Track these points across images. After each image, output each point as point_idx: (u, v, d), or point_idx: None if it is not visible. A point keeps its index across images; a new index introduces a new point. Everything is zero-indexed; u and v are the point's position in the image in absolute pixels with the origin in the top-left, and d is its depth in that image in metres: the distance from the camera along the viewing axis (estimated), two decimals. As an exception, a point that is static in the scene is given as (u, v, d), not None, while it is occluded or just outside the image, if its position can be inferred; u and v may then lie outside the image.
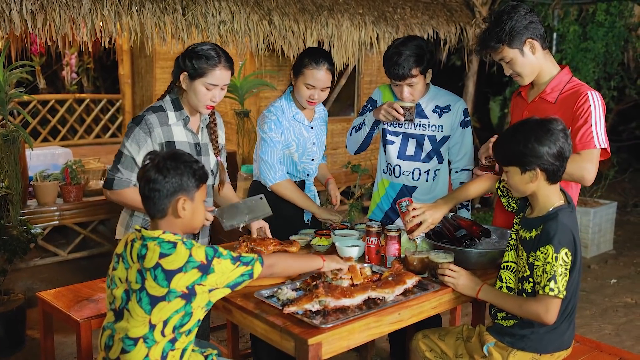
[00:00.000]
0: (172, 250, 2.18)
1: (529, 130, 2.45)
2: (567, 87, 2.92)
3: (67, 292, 3.46)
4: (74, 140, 9.22)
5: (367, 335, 2.34)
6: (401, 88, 3.27)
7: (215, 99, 2.95)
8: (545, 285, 2.37)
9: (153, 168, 2.25)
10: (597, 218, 6.51)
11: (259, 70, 6.50)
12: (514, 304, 2.50)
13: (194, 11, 4.72)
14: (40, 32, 4.17)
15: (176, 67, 2.97)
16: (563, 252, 2.36)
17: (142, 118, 2.92)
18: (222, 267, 2.23)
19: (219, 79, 2.91)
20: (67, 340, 4.44)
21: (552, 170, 2.45)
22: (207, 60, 2.87)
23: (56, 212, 5.41)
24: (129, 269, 2.26)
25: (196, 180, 2.30)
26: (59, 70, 10.02)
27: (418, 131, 3.41)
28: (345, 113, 7.66)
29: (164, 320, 2.19)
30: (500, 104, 9.19)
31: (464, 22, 6.90)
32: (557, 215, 2.44)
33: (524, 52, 2.89)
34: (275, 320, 2.29)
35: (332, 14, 5.65)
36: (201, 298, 2.22)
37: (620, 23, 7.14)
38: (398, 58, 3.18)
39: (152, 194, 2.25)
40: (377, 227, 2.90)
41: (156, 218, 2.31)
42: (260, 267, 2.33)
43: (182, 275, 2.16)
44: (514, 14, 2.85)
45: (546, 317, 2.40)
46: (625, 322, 4.90)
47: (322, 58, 3.34)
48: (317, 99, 3.39)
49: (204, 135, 3.12)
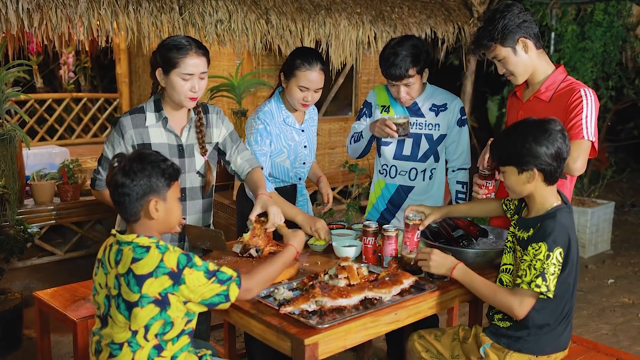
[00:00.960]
0: (144, 254, 2.14)
1: (526, 130, 2.44)
2: (561, 86, 2.93)
3: (63, 291, 3.45)
4: (72, 139, 9.20)
5: (364, 335, 2.34)
6: (398, 88, 3.27)
7: (195, 89, 2.84)
8: (532, 281, 2.34)
9: (120, 172, 2.19)
10: (594, 218, 6.51)
11: (256, 69, 6.50)
12: (489, 290, 2.48)
13: (191, 10, 4.71)
14: (36, 31, 4.16)
15: (151, 66, 2.90)
16: (557, 252, 2.35)
17: (118, 120, 2.90)
18: (194, 279, 2.14)
19: (194, 67, 2.81)
20: (64, 339, 4.43)
21: (549, 171, 2.43)
22: (177, 50, 2.79)
23: (53, 212, 5.40)
24: (108, 274, 2.23)
25: (166, 179, 2.23)
26: (57, 69, 10.01)
27: (414, 130, 3.40)
28: (343, 112, 7.65)
29: (144, 326, 2.16)
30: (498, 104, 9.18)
31: (462, 21, 6.90)
32: (556, 215, 2.43)
33: (517, 50, 2.90)
34: (271, 320, 2.29)
35: (329, 13, 5.65)
36: (177, 308, 2.17)
37: (618, 23, 7.13)
38: (395, 58, 3.17)
39: (122, 199, 2.20)
40: (374, 227, 2.89)
41: (130, 222, 2.26)
42: (237, 290, 2.22)
43: (153, 281, 2.11)
44: (507, 12, 2.87)
45: (519, 309, 2.38)
46: (622, 322, 4.90)
47: (314, 58, 3.23)
48: (311, 101, 3.29)
49: (191, 136, 3.00)
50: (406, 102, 3.37)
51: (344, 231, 3.24)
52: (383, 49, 3.30)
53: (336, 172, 7.03)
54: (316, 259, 2.98)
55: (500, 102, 9.07)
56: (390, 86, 3.32)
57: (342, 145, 7.46)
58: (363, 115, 3.55)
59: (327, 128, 7.32)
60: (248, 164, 3.10)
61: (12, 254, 4.47)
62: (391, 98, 3.45)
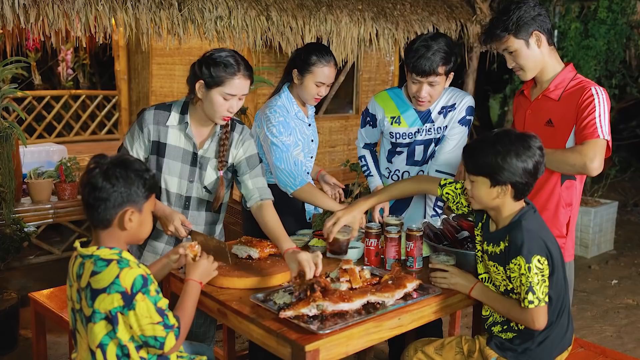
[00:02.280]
0: (103, 268, 2.03)
1: (509, 144, 2.36)
2: (571, 84, 2.85)
3: (59, 292, 3.40)
4: (70, 136, 9.15)
5: (367, 341, 2.27)
6: (420, 86, 3.07)
7: (232, 109, 2.75)
8: (524, 298, 2.32)
9: (100, 175, 2.07)
10: (597, 218, 6.45)
11: (256, 66, 6.44)
12: (504, 308, 2.45)
13: (190, 6, 4.64)
14: (33, 27, 4.09)
15: (192, 74, 2.76)
16: (535, 260, 2.29)
17: (142, 112, 2.84)
18: (143, 308, 2.03)
19: (238, 89, 2.71)
20: (60, 340, 4.38)
21: (521, 188, 2.38)
22: (225, 68, 2.67)
23: (50, 210, 5.34)
24: (72, 287, 2.15)
25: (146, 190, 2.14)
26: (55, 66, 9.95)
27: (424, 137, 3.27)
28: (344, 110, 7.59)
29: (99, 345, 2.05)
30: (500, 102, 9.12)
31: (465, 18, 6.84)
32: (520, 223, 2.37)
33: (530, 44, 2.83)
34: (271, 325, 2.22)
35: (330, 10, 5.58)
36: (124, 331, 2.05)
37: (622, 20, 7.07)
38: (426, 51, 2.99)
39: (97, 203, 2.07)
40: (376, 229, 2.83)
41: (98, 228, 2.13)
42: (174, 341, 2.09)
43: (105, 297, 2.00)
44: (522, 4, 2.81)
45: (535, 325, 2.35)
46: (626, 324, 4.85)
47: (329, 54, 3.27)
48: (323, 95, 3.33)
49: (210, 149, 2.90)
50: (423, 105, 3.16)
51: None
52: (412, 41, 3.11)
53: (337, 171, 6.97)
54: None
55: (502, 100, 9.01)
56: (412, 83, 3.10)
57: (342, 143, 7.40)
58: (367, 125, 3.42)
59: (327, 126, 7.26)
60: (258, 192, 2.91)
61: (8, 253, 4.42)
62: (400, 107, 3.28)
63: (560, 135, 2.84)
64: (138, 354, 2.10)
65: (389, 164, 3.41)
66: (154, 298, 2.06)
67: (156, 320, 2.05)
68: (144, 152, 2.86)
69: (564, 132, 2.82)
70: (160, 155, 2.85)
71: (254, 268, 2.72)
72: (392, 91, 3.37)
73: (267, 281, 2.59)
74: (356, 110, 7.49)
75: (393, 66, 7.54)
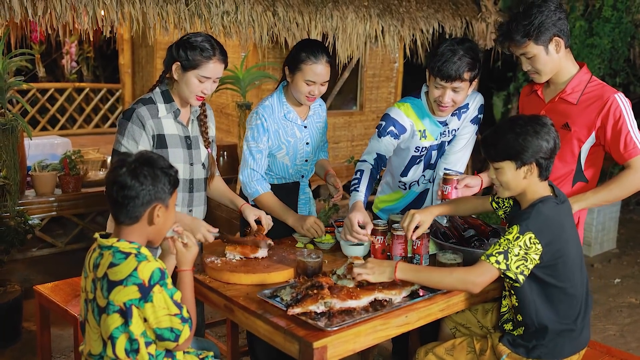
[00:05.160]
0: (121, 260, 2.07)
1: (524, 125, 2.42)
2: (588, 88, 2.84)
3: (64, 285, 3.41)
4: (73, 129, 9.15)
5: (374, 338, 2.28)
6: (444, 91, 2.95)
7: (206, 91, 2.88)
8: (492, 255, 2.32)
9: (129, 174, 2.12)
10: (600, 216, 6.45)
11: (261, 62, 6.43)
12: (443, 272, 2.42)
13: (197, 1, 4.63)
14: (40, 20, 4.08)
15: (169, 56, 2.88)
16: (527, 237, 2.32)
17: (133, 112, 2.83)
18: (161, 300, 2.08)
19: (212, 72, 2.84)
20: (64, 333, 4.39)
21: (545, 166, 2.42)
22: (201, 52, 2.79)
23: (54, 203, 5.35)
24: (87, 278, 2.19)
25: (171, 186, 2.21)
26: (59, 59, 9.94)
27: (439, 140, 3.23)
28: (348, 107, 7.58)
29: (109, 337, 2.08)
30: (504, 100, 9.09)
31: (470, 16, 6.82)
32: (537, 204, 2.41)
33: (549, 50, 2.79)
34: (278, 321, 2.23)
35: (337, 6, 5.57)
36: (137, 324, 2.08)
37: (627, 19, 7.06)
38: (453, 56, 2.87)
39: (125, 201, 2.13)
40: (383, 226, 2.83)
41: (125, 224, 2.18)
42: (189, 333, 2.16)
43: (122, 289, 2.04)
44: (544, 8, 2.75)
45: (477, 279, 2.33)
46: (629, 323, 4.85)
47: (320, 51, 3.11)
48: (317, 94, 3.18)
49: (194, 128, 3.04)
50: (445, 111, 3.04)
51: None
52: (438, 45, 2.98)
53: (340, 167, 6.96)
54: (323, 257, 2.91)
55: (505, 98, 8.99)
56: (436, 88, 2.97)
57: (346, 139, 7.40)
58: (388, 135, 3.13)
59: (331, 122, 7.24)
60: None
61: (13, 245, 4.42)
62: (422, 119, 3.16)
63: (576, 139, 2.84)
64: (147, 350, 2.11)
65: (403, 177, 3.34)
66: (171, 291, 2.12)
67: (173, 312, 2.10)
68: (150, 149, 2.87)
69: (580, 136, 2.83)
70: (163, 146, 2.89)
71: (261, 264, 2.73)
72: (412, 102, 3.19)
73: (274, 277, 2.60)
74: (360, 106, 7.48)
75: (397, 63, 7.52)
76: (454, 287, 2.42)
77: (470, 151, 3.30)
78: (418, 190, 3.39)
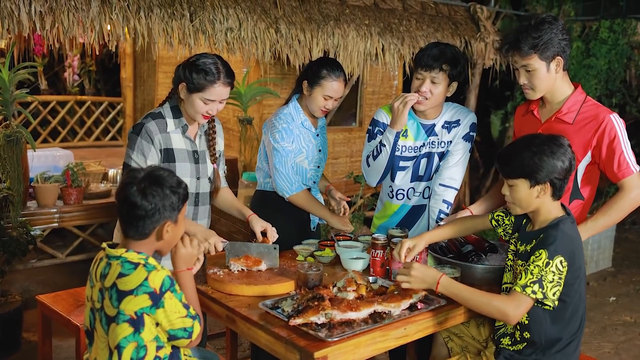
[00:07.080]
0: (131, 271, 2.13)
1: (541, 144, 2.45)
2: (584, 108, 2.90)
3: (66, 295, 3.44)
4: (74, 142, 9.17)
5: (373, 349, 2.32)
6: (423, 81, 3.15)
7: (212, 112, 2.92)
8: (527, 286, 2.30)
9: (139, 193, 2.18)
10: (596, 235, 6.45)
11: (263, 78, 6.50)
12: (483, 298, 2.41)
13: (202, 17, 4.71)
14: (47, 34, 4.15)
15: (176, 76, 2.93)
16: (557, 260, 2.32)
17: (142, 127, 2.89)
18: (172, 304, 2.16)
19: (217, 95, 2.88)
20: (63, 344, 4.42)
21: (559, 186, 2.44)
22: (206, 75, 2.82)
23: (56, 214, 5.37)
24: (93, 287, 2.24)
25: (180, 203, 2.28)
26: (61, 72, 10.00)
27: (427, 149, 3.34)
28: (347, 123, 7.64)
29: (117, 346, 2.13)
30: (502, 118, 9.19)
31: (469, 35, 6.91)
32: (559, 225, 2.42)
33: (550, 67, 2.85)
34: (280, 331, 2.28)
35: (338, 24, 5.65)
36: (149, 331, 2.15)
37: (623, 41, 7.17)
38: (435, 48, 3.14)
39: (135, 220, 2.20)
40: (383, 240, 2.88)
41: (134, 239, 2.25)
42: (199, 328, 2.25)
43: (132, 298, 2.11)
44: (554, 26, 2.80)
45: (514, 313, 2.33)
46: (624, 341, 4.89)
47: (340, 69, 3.39)
48: (330, 108, 3.43)
49: (202, 143, 3.10)
50: (422, 102, 3.18)
51: (351, 243, 3.22)
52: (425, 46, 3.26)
53: (339, 183, 7.00)
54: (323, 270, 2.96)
55: (503, 116, 9.08)
56: (416, 79, 3.19)
57: (345, 155, 7.45)
58: (376, 135, 3.34)
59: (331, 138, 7.30)
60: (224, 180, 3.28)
61: (15, 255, 4.45)
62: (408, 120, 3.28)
63: None
64: (157, 353, 2.17)
65: (392, 182, 3.41)
66: (179, 295, 2.20)
67: (184, 314, 2.19)
68: (158, 163, 2.92)
69: (577, 155, 2.86)
70: (171, 160, 2.93)
71: (263, 276, 2.78)
72: None
73: (275, 289, 2.65)
74: (359, 123, 7.54)
75: (397, 80, 7.60)
76: (492, 316, 2.44)
77: (464, 168, 3.35)
78: (410, 204, 3.44)
